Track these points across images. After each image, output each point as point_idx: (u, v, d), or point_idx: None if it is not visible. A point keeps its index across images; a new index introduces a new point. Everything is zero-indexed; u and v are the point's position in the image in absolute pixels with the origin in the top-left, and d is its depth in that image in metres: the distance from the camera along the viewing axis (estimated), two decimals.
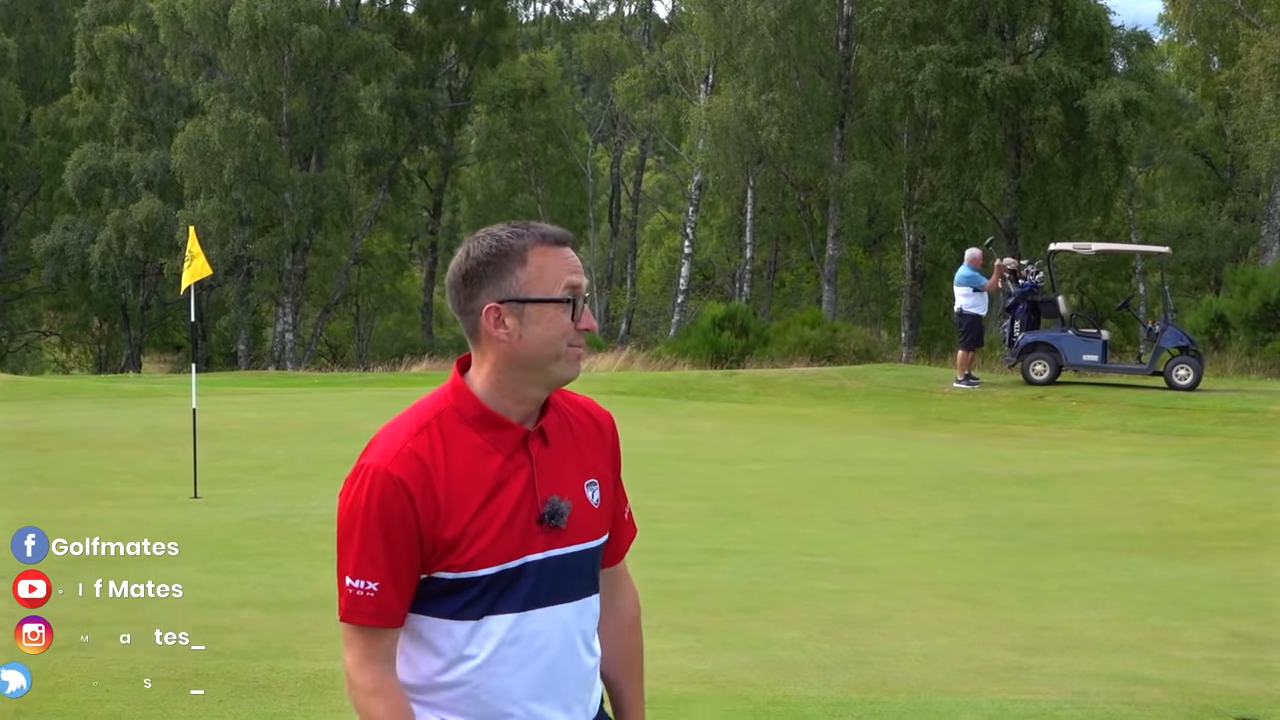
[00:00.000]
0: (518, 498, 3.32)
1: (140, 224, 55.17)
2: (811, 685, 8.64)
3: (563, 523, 3.35)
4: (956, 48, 49.62)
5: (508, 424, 3.34)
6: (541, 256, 3.33)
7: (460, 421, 3.33)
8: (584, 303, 3.37)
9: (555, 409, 3.45)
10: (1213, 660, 9.52)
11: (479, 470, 3.30)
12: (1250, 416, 25.56)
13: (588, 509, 3.44)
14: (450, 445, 3.31)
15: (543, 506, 3.34)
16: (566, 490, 3.39)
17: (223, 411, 25.39)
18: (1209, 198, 62.19)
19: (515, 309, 3.30)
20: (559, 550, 3.37)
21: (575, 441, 3.48)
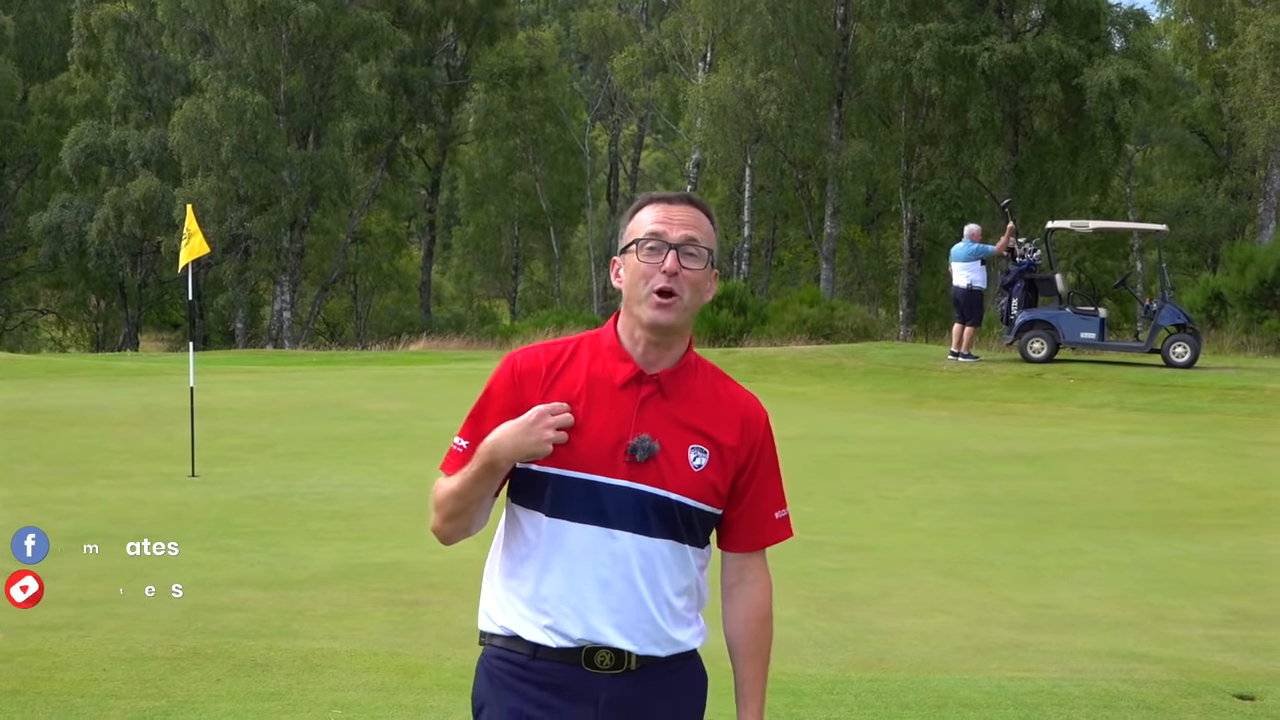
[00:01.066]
0: (614, 424, 3.69)
1: (138, 202, 55.11)
2: (809, 663, 8.65)
3: (642, 459, 3.67)
4: (955, 26, 49.56)
5: (628, 359, 3.75)
6: (644, 213, 3.79)
7: (597, 348, 3.79)
8: (670, 250, 3.72)
9: (689, 373, 3.84)
10: (1210, 638, 9.52)
11: (592, 389, 3.71)
12: (1247, 394, 25.56)
13: (684, 465, 3.72)
14: (578, 361, 3.76)
15: (631, 439, 3.67)
16: (665, 439, 3.72)
17: (220, 390, 25.38)
18: (1206, 175, 62.19)
19: (621, 259, 3.80)
20: (639, 485, 3.68)
21: (701, 409, 3.80)
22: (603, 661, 3.69)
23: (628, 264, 3.76)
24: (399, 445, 19.48)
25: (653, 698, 3.78)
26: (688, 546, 3.77)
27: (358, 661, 8.39)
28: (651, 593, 3.72)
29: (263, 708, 7.52)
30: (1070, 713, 7.62)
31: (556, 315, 47.75)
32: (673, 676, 3.83)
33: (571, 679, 3.69)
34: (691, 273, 3.74)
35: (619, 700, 3.72)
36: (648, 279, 3.71)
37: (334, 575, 11.15)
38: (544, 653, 3.70)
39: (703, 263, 3.77)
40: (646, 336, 3.75)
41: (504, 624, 3.76)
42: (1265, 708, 7.78)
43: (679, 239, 3.72)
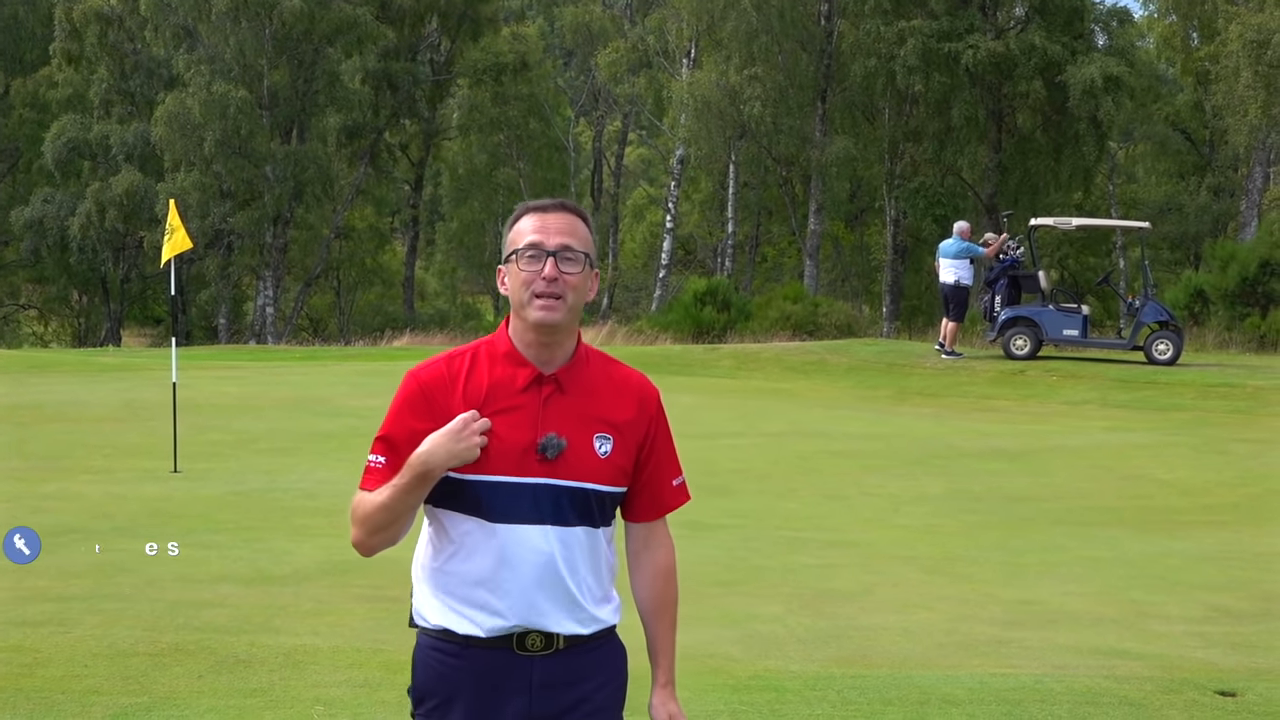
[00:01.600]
0: (523, 426, 3.91)
1: (120, 197, 54.96)
2: (792, 660, 8.65)
3: (553, 456, 3.90)
4: (938, 23, 49.60)
5: (525, 363, 3.97)
6: (522, 222, 4.02)
7: (494, 355, 4.01)
8: (548, 257, 3.93)
9: (583, 366, 4.05)
10: (1192, 634, 9.54)
11: (495, 395, 3.93)
12: (1229, 391, 25.62)
13: (591, 456, 3.97)
14: (477, 370, 3.98)
15: (540, 439, 3.90)
16: (570, 433, 3.95)
17: (203, 385, 25.34)
18: (1188, 173, 62.32)
19: (505, 268, 4.01)
20: (553, 480, 3.91)
21: (598, 398, 4.03)
22: (533, 644, 3.94)
23: (511, 272, 3.99)
24: None
25: (580, 674, 4.02)
26: (600, 528, 4.03)
27: (340, 658, 8.39)
28: (573, 577, 3.96)
29: (245, 704, 7.51)
30: (1052, 709, 7.64)
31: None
32: (597, 653, 4.06)
33: (504, 663, 3.94)
34: (571, 276, 3.95)
35: (550, 680, 3.96)
36: (529, 285, 3.93)
37: (316, 571, 11.14)
38: (475, 642, 3.94)
39: (580, 266, 3.98)
40: (537, 338, 3.97)
41: (437, 621, 4.00)
42: (1246, 704, 7.80)
43: (556, 246, 3.95)
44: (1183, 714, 7.62)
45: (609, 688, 4.13)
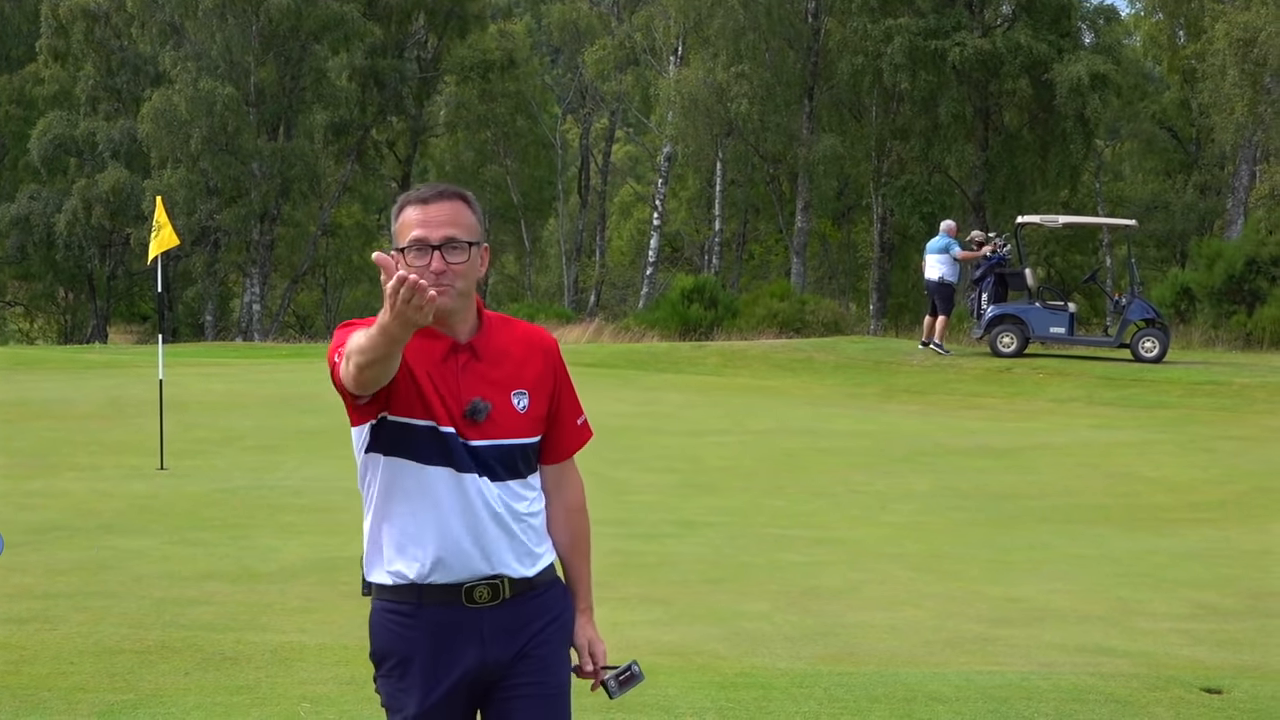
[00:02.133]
0: (450, 392, 4.09)
1: (106, 194, 54.81)
2: (779, 657, 8.66)
3: (481, 419, 4.10)
4: (925, 21, 49.63)
5: (439, 336, 4.12)
6: (405, 214, 4.14)
7: None
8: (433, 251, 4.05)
9: (491, 331, 4.22)
10: (1178, 631, 9.56)
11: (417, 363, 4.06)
12: (1215, 389, 25.68)
13: (512, 413, 4.18)
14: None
15: (465, 405, 4.09)
16: (492, 395, 4.14)
17: (189, 383, 25.31)
18: (1175, 171, 62.41)
19: (398, 255, 4.07)
20: (484, 440, 4.11)
21: (509, 359, 4.21)
22: (481, 596, 4.14)
23: (401, 265, 4.04)
24: None
25: (527, 620, 4.22)
26: (529, 475, 4.26)
27: (327, 655, 8.38)
28: (515, 521, 4.18)
29: (232, 701, 7.50)
30: (1038, 706, 7.65)
31: (527, 308, 47.65)
32: (541, 599, 4.27)
33: (458, 618, 4.14)
34: (458, 265, 4.08)
35: (500, 628, 4.17)
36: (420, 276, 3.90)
37: (303, 568, 11.13)
38: (429, 595, 4.13)
39: (465, 254, 4.10)
40: (444, 318, 4.10)
41: (390, 574, 4.18)
42: (1232, 701, 7.82)
43: (440, 239, 4.07)
44: (1169, 711, 7.63)
45: (554, 626, 4.33)
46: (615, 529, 13.29)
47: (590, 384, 29.88)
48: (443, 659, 4.15)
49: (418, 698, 4.17)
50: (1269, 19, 44.55)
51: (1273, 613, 10.26)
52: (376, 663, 4.28)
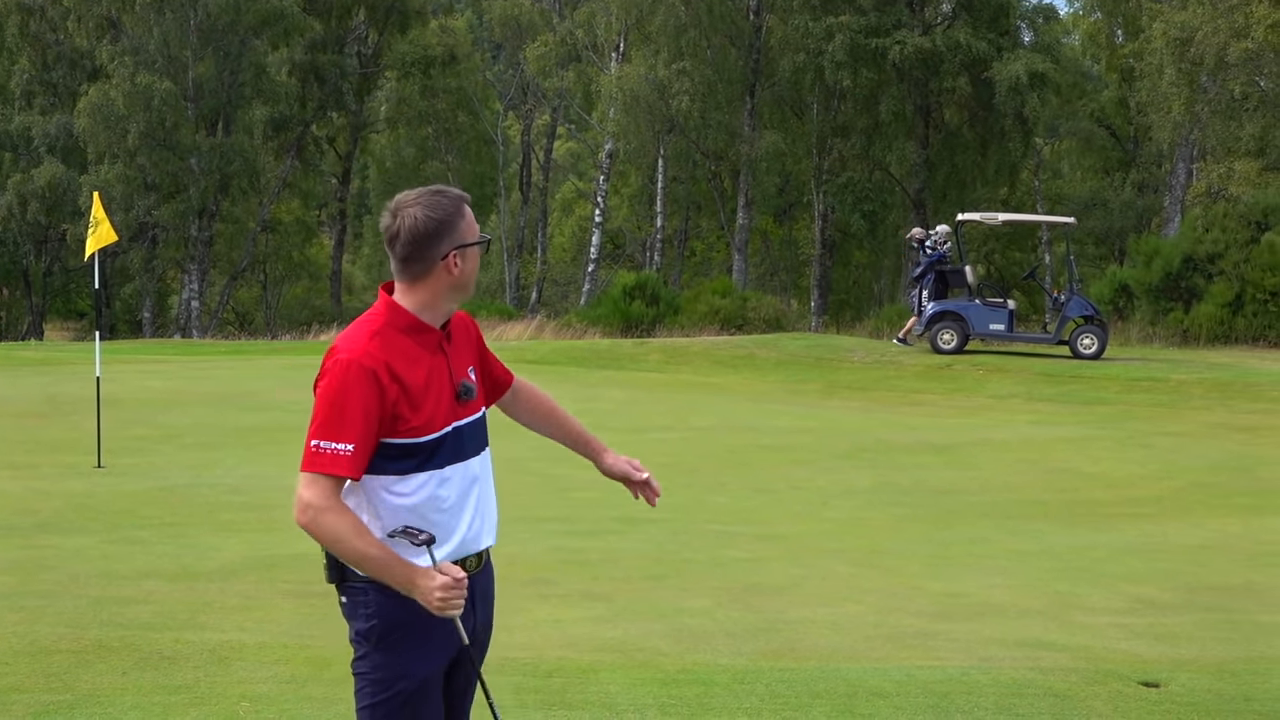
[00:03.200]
0: (442, 381, 4.48)
1: (42, 189, 54.37)
2: (721, 653, 8.66)
3: (472, 397, 4.56)
4: (866, 19, 49.83)
5: (431, 330, 4.50)
6: (468, 214, 4.51)
7: (396, 330, 4.44)
8: None
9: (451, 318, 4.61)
10: (1116, 625, 9.61)
11: (416, 364, 4.43)
12: (1153, 385, 25.86)
13: (478, 385, 4.66)
14: (393, 346, 4.42)
15: (457, 387, 4.52)
16: (464, 373, 4.59)
17: (127, 380, 25.13)
18: (1113, 169, 62.82)
19: (462, 252, 4.46)
20: (469, 418, 4.55)
21: (461, 341, 4.65)
22: (470, 566, 4.54)
23: (470, 258, 4.49)
24: None
25: (492, 583, 4.74)
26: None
27: (267, 654, 8.33)
28: (487, 490, 4.64)
29: (170, 701, 7.44)
30: (978, 700, 7.68)
31: (469, 305, 47.45)
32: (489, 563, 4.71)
33: None
34: None
35: (483, 593, 4.64)
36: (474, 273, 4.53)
37: (243, 567, 11.07)
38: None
39: None
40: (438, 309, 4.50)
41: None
42: (1170, 694, 7.87)
43: None
44: (1107, 705, 7.67)
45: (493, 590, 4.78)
46: (558, 526, 13.29)
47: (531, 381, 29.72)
48: (446, 628, 4.42)
49: (427, 663, 4.45)
50: (1205, 18, 44.88)
51: (1210, 607, 10.33)
52: (380, 637, 4.42)
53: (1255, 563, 12.17)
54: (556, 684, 7.67)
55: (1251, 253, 36.68)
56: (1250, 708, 7.70)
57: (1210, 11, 44.88)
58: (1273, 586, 11.22)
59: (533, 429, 5.06)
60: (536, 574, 10.90)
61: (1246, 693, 7.95)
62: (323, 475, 4.30)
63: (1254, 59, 44.75)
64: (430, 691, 4.47)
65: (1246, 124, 46.08)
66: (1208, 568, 11.92)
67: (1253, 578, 11.51)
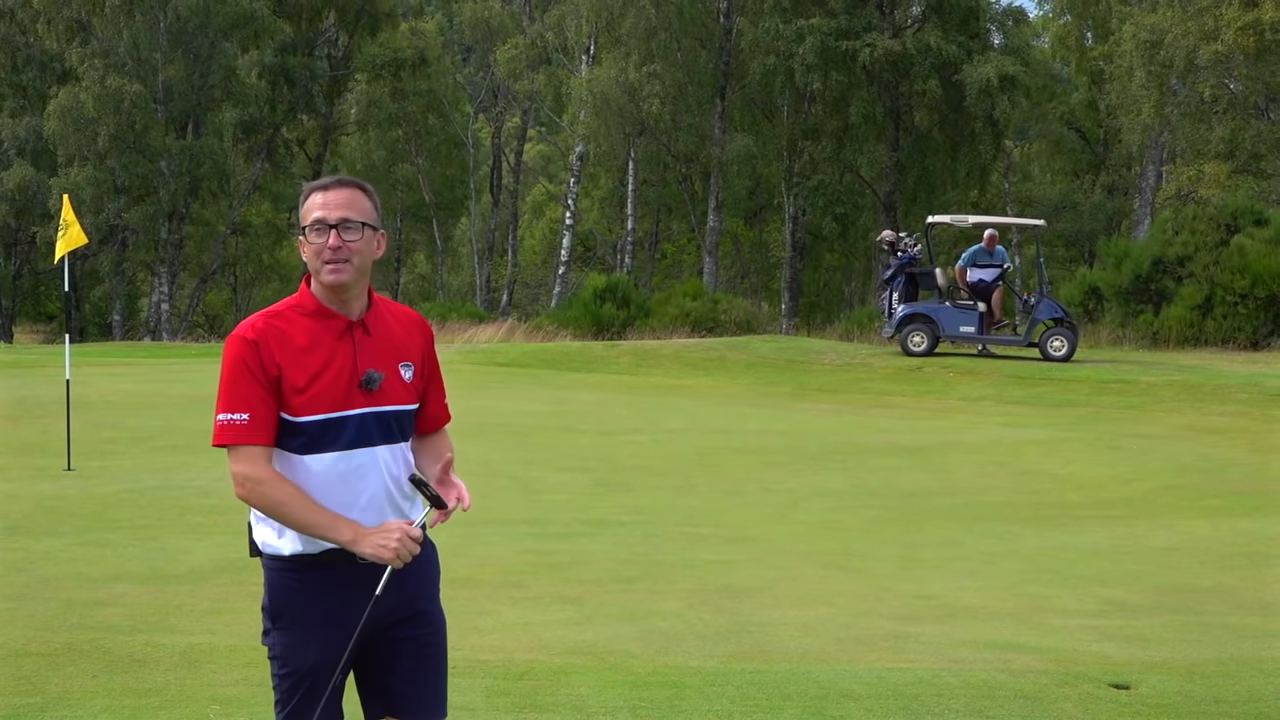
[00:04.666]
0: (341, 367, 4.56)
1: (11, 192, 54.17)
2: (692, 655, 8.66)
3: (374, 388, 4.58)
4: (836, 21, 49.90)
5: (334, 315, 4.62)
6: (309, 200, 4.66)
7: (301, 314, 4.62)
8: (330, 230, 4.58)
9: (379, 310, 4.71)
10: (1086, 627, 9.64)
11: (313, 346, 4.55)
12: (1123, 387, 25.94)
13: (400, 382, 4.67)
14: (292, 327, 4.57)
15: (360, 375, 4.57)
16: (382, 366, 4.63)
17: (97, 383, 25.05)
18: (1083, 171, 63.03)
19: (302, 238, 4.65)
20: (375, 408, 4.59)
21: (393, 335, 4.71)
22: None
23: (305, 245, 4.63)
24: None
25: (408, 570, 4.56)
26: (408, 443, 4.75)
27: (237, 656, 8.31)
28: (398, 487, 4.65)
29: (140, 704, 7.41)
30: (949, 702, 7.69)
31: (439, 308, 47.44)
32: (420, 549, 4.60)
33: (348, 576, 4.54)
34: (353, 243, 4.59)
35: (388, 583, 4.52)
36: (319, 254, 4.57)
37: (213, 569, 11.04)
38: (324, 559, 4.54)
39: (359, 233, 4.61)
40: (334, 295, 4.61)
41: (291, 550, 4.58)
42: (1140, 696, 7.89)
43: (336, 219, 4.59)
44: (1077, 707, 7.69)
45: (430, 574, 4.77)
46: (528, 528, 13.28)
47: (503, 384, 29.89)
48: (340, 612, 4.52)
49: (317, 650, 4.55)
50: (1175, 21, 45.10)
51: (1179, 608, 10.37)
52: (273, 617, 4.61)
53: (1225, 564, 12.21)
54: (527, 686, 7.67)
55: (1221, 255, 36.81)
56: (1220, 709, 7.72)
57: (1180, 14, 45.10)
58: (1242, 588, 11.26)
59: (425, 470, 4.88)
60: (507, 576, 10.90)
61: (1216, 694, 7.98)
62: (239, 446, 4.49)
63: (1224, 62, 44.99)
64: (327, 679, 4.57)
65: (1216, 127, 46.29)
66: (1177, 569, 11.96)
67: (1222, 579, 11.56)
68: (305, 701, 4.57)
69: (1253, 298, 35.75)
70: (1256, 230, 37.19)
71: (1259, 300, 35.74)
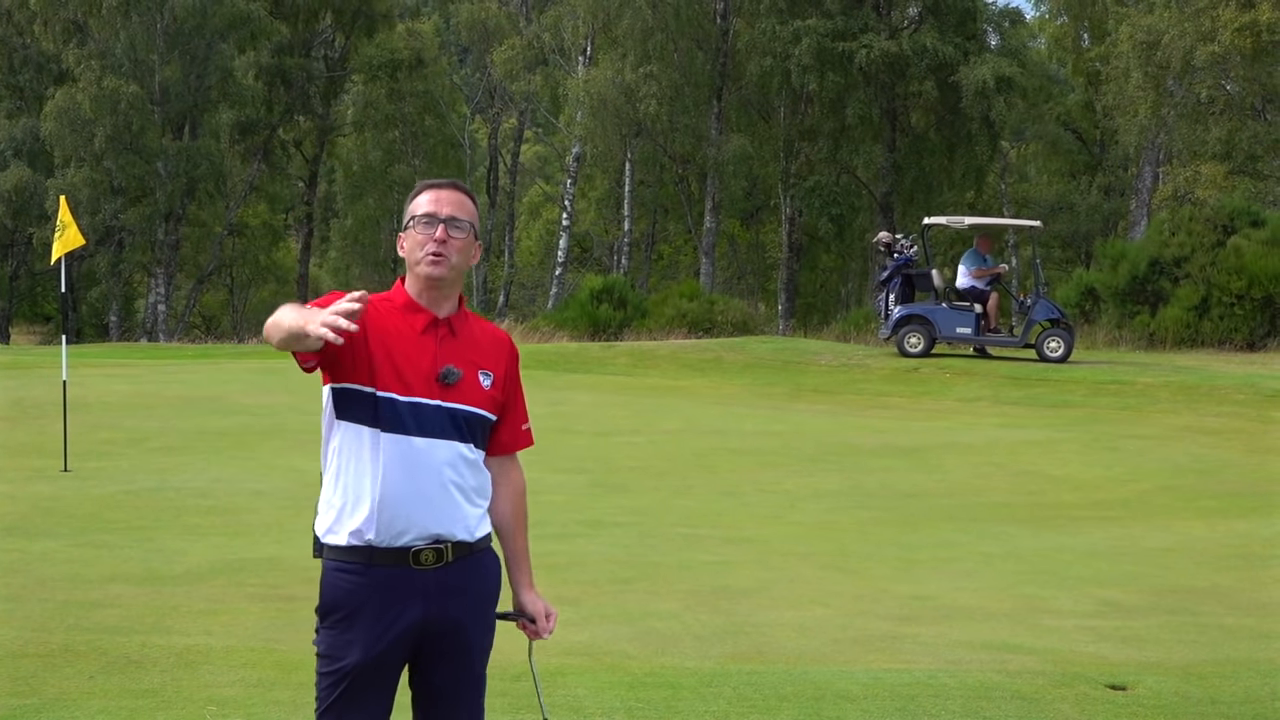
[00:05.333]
0: (422, 358, 4.68)
1: (9, 193, 54.15)
2: (688, 656, 8.67)
3: (451, 382, 4.68)
4: (833, 22, 49.88)
5: (421, 309, 4.75)
6: (420, 196, 4.82)
7: (392, 306, 4.76)
8: (440, 224, 4.72)
9: (466, 318, 4.84)
10: (1083, 628, 9.65)
11: (400, 334, 4.69)
12: (1120, 388, 25.94)
13: (477, 385, 4.75)
14: (386, 315, 4.71)
15: (440, 369, 4.67)
16: (463, 367, 4.72)
17: (94, 384, 25.03)
18: (1079, 172, 63.03)
19: (405, 233, 4.80)
20: (448, 403, 4.67)
21: (477, 343, 4.82)
22: (426, 559, 4.63)
23: (409, 236, 4.77)
24: (275, 440, 19.32)
25: (467, 581, 4.72)
26: (480, 449, 4.79)
27: (234, 657, 8.31)
28: (462, 488, 4.71)
29: (136, 705, 7.42)
30: (945, 703, 7.69)
31: None
32: (479, 561, 4.77)
33: (403, 579, 4.61)
34: (456, 240, 4.74)
35: (443, 588, 4.66)
36: (423, 246, 4.71)
37: (209, 571, 11.04)
38: (379, 557, 4.60)
39: (465, 233, 4.78)
40: (427, 290, 4.75)
41: (344, 537, 4.64)
42: (1136, 697, 7.90)
43: (446, 215, 4.76)
44: (1074, 707, 7.70)
45: (487, 592, 4.83)
46: None
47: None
48: (388, 614, 4.60)
49: (361, 649, 4.59)
50: (1172, 22, 45.12)
51: (1176, 609, 10.38)
52: (322, 615, 4.67)
53: (1221, 565, 12.23)
54: (524, 688, 7.66)
55: (1217, 256, 36.82)
56: (1216, 710, 7.73)
57: (1177, 15, 45.12)
58: (1238, 589, 11.27)
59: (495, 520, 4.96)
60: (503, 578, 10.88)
61: (1213, 695, 7.99)
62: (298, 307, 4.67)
63: (1220, 62, 45.01)
64: (369, 680, 4.63)
65: (1213, 127, 46.30)
66: (1174, 570, 11.97)
67: (1218, 580, 11.57)
68: (343, 701, 4.63)
69: (1249, 299, 35.77)
70: (1253, 231, 37.21)
71: (1255, 301, 35.76)
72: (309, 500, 5.18)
